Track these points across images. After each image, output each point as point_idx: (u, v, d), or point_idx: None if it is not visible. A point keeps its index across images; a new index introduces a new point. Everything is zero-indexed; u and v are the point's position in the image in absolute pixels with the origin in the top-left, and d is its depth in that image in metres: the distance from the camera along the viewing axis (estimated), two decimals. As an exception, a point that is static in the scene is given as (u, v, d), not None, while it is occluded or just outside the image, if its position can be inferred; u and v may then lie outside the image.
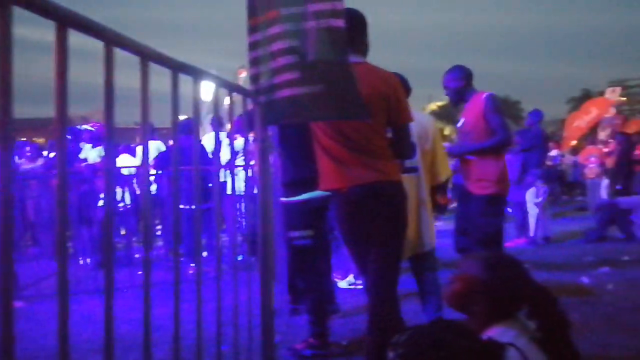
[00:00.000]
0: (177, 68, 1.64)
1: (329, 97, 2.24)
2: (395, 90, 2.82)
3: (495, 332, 1.92)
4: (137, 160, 7.78)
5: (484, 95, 4.09)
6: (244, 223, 6.04)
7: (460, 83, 4.18)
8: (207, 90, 2.25)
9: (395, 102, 2.81)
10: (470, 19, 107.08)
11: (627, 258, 6.47)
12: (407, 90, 3.47)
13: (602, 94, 20.27)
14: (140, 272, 1.58)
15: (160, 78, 1.67)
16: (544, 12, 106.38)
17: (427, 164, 3.34)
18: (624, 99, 33.46)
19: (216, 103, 1.97)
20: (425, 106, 31.76)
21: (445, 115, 26.79)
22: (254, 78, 2.30)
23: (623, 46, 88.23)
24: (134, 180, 7.26)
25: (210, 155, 5.84)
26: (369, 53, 3.00)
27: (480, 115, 4.06)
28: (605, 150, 12.86)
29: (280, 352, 3.33)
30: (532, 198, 7.81)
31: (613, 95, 19.88)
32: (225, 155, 4.60)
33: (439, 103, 33.15)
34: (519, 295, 1.99)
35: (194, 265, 4.94)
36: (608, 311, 4.25)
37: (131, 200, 6.98)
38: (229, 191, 3.72)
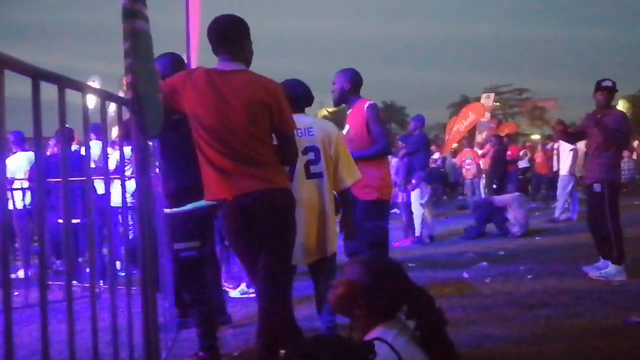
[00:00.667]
0: (37, 76, 1.53)
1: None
2: (277, 99, 2.82)
3: (377, 333, 1.98)
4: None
5: (366, 105, 4.22)
6: (130, 235, 5.78)
7: (347, 85, 4.29)
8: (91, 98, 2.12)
9: (277, 111, 2.82)
10: (362, 26, 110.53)
11: (503, 253, 6.95)
12: (308, 98, 3.50)
13: (478, 99, 21.72)
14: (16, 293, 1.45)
15: (47, 88, 1.59)
16: (425, 22, 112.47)
17: (330, 170, 3.38)
18: (498, 104, 36.06)
19: (85, 112, 1.86)
20: (316, 112, 32.29)
21: (335, 121, 27.33)
22: (131, 86, 2.20)
23: (496, 55, 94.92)
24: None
25: (93, 165, 5.54)
26: (255, 59, 2.99)
27: (362, 124, 4.20)
28: (482, 152, 13.77)
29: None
30: (417, 199, 8.17)
31: (488, 100, 21.37)
32: (109, 165, 4.37)
33: (330, 109, 33.82)
34: (398, 296, 2.06)
35: (76, 282, 4.67)
36: (486, 304, 4.52)
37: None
38: (114, 203, 3.55)
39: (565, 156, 10.02)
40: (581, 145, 8.17)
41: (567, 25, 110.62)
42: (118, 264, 4.43)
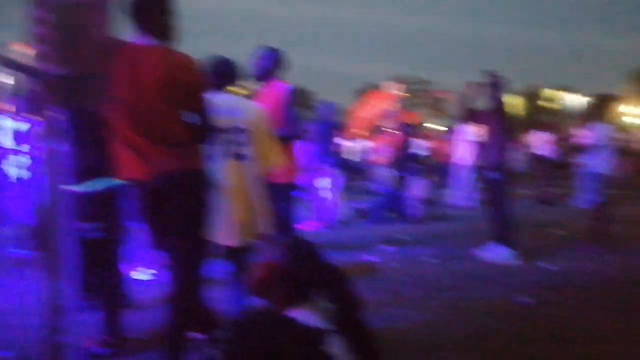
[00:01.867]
0: None
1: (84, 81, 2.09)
2: (191, 75, 2.72)
3: (294, 314, 1.99)
4: None
5: (284, 88, 4.22)
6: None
7: (270, 64, 4.29)
8: None
9: (193, 89, 2.72)
10: (269, 9, 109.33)
11: (407, 237, 7.22)
12: (233, 76, 3.42)
13: (384, 88, 22.23)
14: None
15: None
16: (334, 7, 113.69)
17: (257, 152, 3.33)
18: (403, 94, 37.22)
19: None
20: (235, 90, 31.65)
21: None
22: (42, 56, 2.04)
23: (404, 46, 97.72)
24: None
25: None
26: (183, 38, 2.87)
27: (277, 106, 4.18)
28: (387, 139, 14.14)
29: (71, 353, 3.06)
30: (326, 184, 8.28)
31: (393, 89, 21.96)
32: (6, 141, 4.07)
33: (244, 90, 33.33)
34: (317, 279, 2.08)
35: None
36: (392, 287, 4.69)
37: None
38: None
39: (464, 145, 10.53)
40: (479, 134, 8.61)
41: (467, 22, 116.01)
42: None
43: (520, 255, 5.60)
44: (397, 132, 13.08)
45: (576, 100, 35.74)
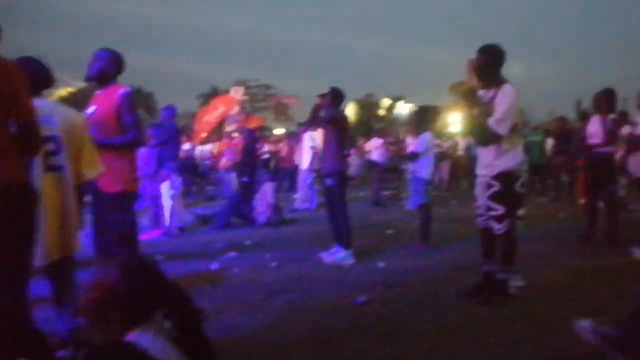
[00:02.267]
0: None
1: None
2: (11, 82, 2.49)
3: (133, 338, 1.92)
4: None
5: (121, 91, 4.04)
6: None
7: (108, 67, 4.08)
8: None
9: (11, 96, 2.48)
10: (109, 6, 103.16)
11: (250, 242, 7.29)
12: (47, 80, 3.17)
13: (228, 92, 22.15)
14: None
15: None
16: (178, 9, 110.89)
17: (73, 162, 3.11)
18: (247, 97, 37.30)
19: None
20: (53, 92, 29.31)
21: (74, 102, 25.28)
22: None
23: (249, 50, 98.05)
24: None
25: None
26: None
27: (114, 110, 4.00)
28: (232, 143, 14.12)
29: None
30: (167, 190, 8.06)
31: (237, 93, 21.96)
32: None
33: (70, 89, 31.13)
34: (155, 297, 2.01)
35: None
36: (234, 293, 4.71)
37: None
38: None
39: (306, 151, 10.88)
40: (319, 140, 8.97)
41: (307, 30, 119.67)
42: None
43: (357, 256, 5.94)
44: (241, 136, 13.14)
45: (409, 109, 38.67)
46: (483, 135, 4.29)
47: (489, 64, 4.27)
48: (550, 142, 12.04)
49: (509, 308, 4.09)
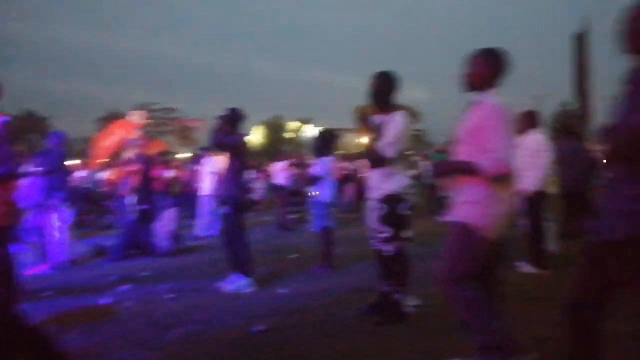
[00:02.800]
0: None
1: None
2: None
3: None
4: None
5: None
6: None
7: None
8: None
9: None
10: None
11: (146, 273, 6.97)
12: None
13: (127, 116, 21.39)
14: None
15: None
16: (72, 30, 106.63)
17: None
18: (148, 121, 36.36)
19: None
20: None
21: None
22: None
23: (146, 73, 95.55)
24: None
25: None
26: None
27: None
28: (130, 170, 13.59)
29: None
30: (55, 222, 7.57)
31: (137, 117, 21.25)
32: None
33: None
34: (18, 345, 1.86)
35: None
36: (125, 329, 4.45)
37: None
38: None
39: (206, 176, 10.66)
40: (220, 165, 8.81)
41: (215, 52, 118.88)
42: None
43: (258, 283, 5.82)
44: (141, 162, 12.67)
45: (314, 132, 39.20)
46: (372, 157, 4.39)
47: (382, 90, 4.40)
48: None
49: (405, 327, 4.15)
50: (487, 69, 3.09)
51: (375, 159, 4.33)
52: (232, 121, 5.98)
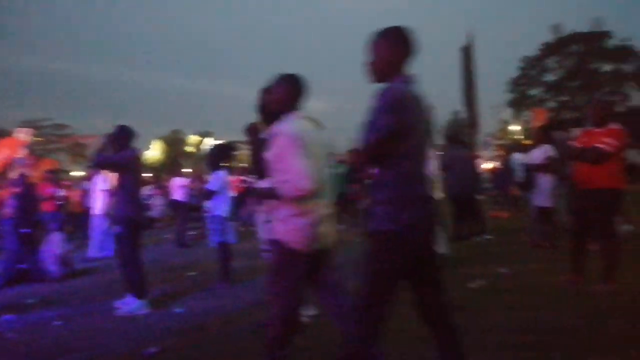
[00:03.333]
0: None
1: None
2: None
3: None
4: None
5: None
6: None
7: None
8: None
9: None
10: None
11: (32, 301, 6.54)
12: None
13: (13, 133, 20.06)
14: None
15: None
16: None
17: None
18: (37, 139, 34.28)
19: None
20: None
21: None
22: None
23: (35, 88, 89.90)
24: None
25: None
26: None
27: None
28: (15, 191, 12.72)
29: None
30: None
31: (24, 135, 19.99)
32: None
33: None
34: None
35: None
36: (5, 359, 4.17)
37: None
38: None
39: (99, 195, 10.21)
40: (111, 183, 8.48)
41: (111, 67, 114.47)
42: None
43: (153, 303, 5.65)
44: (20, 184, 11.89)
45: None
46: (258, 171, 4.42)
47: (267, 105, 4.42)
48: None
49: (303, 337, 4.18)
50: (284, 94, 3.24)
51: (261, 170, 4.35)
52: (121, 139, 5.78)
